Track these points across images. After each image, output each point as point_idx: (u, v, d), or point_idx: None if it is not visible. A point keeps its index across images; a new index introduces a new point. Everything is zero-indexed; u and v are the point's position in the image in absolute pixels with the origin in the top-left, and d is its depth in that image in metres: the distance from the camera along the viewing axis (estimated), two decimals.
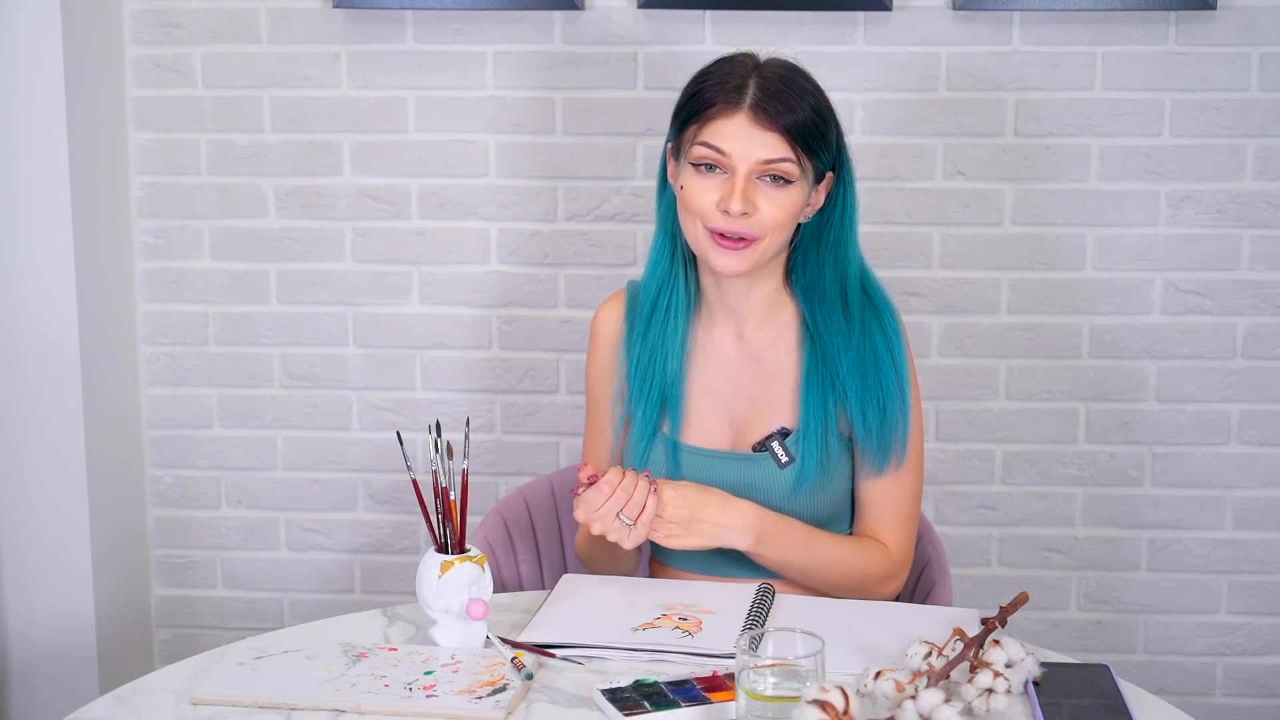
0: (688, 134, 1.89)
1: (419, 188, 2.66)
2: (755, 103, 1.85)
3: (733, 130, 1.85)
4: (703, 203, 1.87)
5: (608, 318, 2.06)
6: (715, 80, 1.88)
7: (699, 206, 1.87)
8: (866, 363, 1.93)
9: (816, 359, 1.96)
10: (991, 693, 1.56)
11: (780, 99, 1.86)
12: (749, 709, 1.48)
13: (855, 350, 1.93)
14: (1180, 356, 2.62)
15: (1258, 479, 2.65)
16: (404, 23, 2.61)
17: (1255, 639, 2.69)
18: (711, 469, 1.97)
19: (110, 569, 2.67)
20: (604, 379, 2.06)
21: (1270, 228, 2.58)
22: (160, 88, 2.67)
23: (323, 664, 1.68)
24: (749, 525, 1.88)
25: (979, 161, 2.58)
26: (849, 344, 1.94)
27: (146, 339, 2.75)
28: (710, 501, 1.87)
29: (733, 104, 1.85)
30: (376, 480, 2.75)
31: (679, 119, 1.92)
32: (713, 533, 1.86)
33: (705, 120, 1.86)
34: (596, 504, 1.81)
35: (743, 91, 1.86)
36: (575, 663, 1.69)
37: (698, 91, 1.89)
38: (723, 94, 1.86)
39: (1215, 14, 2.50)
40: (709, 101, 1.87)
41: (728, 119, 1.85)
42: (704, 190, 1.86)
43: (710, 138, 1.86)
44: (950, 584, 2.14)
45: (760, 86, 1.86)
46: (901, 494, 1.98)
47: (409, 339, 2.70)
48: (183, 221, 2.71)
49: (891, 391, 1.93)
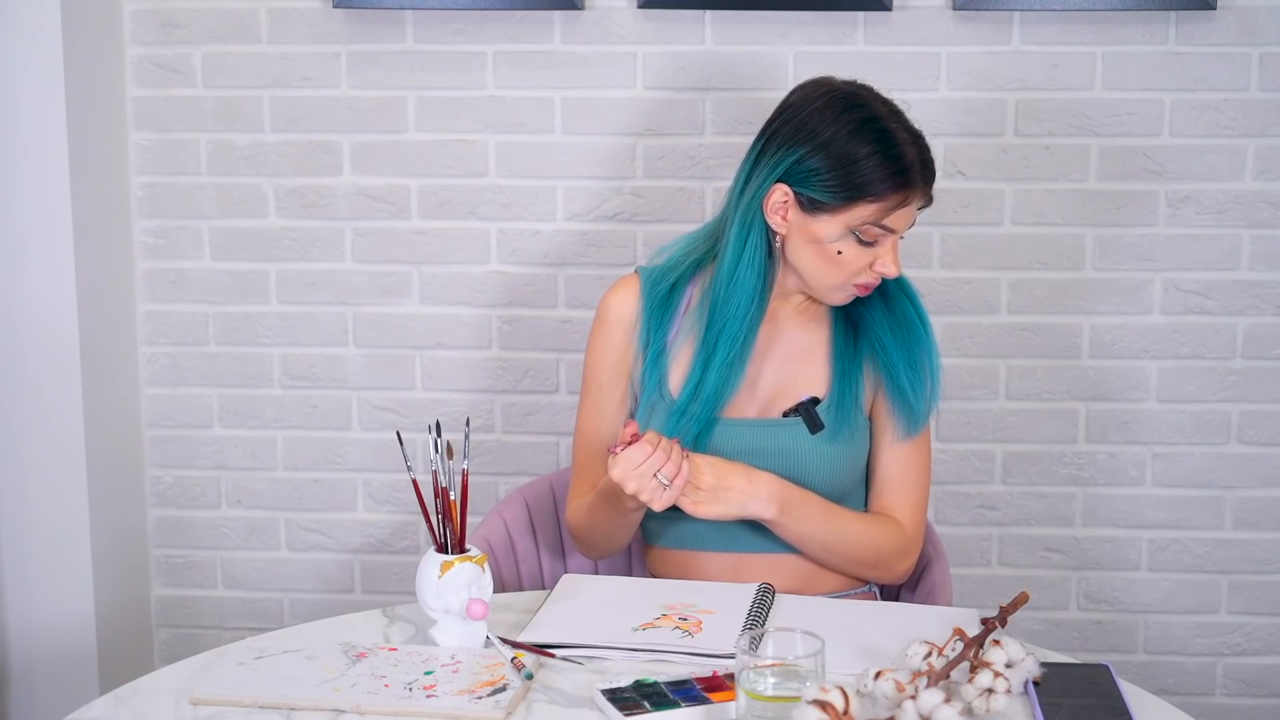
0: (858, 211, 1.90)
1: (419, 188, 2.66)
2: (922, 180, 1.92)
3: (906, 213, 1.92)
4: (859, 264, 1.94)
5: (622, 304, 2.07)
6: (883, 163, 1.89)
7: (854, 268, 1.94)
8: (904, 329, 2.03)
9: (847, 332, 2.04)
10: (991, 693, 1.57)
11: (931, 168, 1.94)
12: (749, 709, 1.48)
13: (895, 320, 2.03)
14: (1180, 356, 2.62)
15: (1258, 479, 2.65)
16: (404, 23, 2.61)
17: (1255, 639, 2.69)
18: (740, 436, 2.00)
19: (110, 569, 2.67)
20: (611, 363, 2.08)
21: (1270, 228, 2.58)
22: (160, 88, 2.67)
23: (323, 664, 1.68)
24: (772, 494, 1.93)
25: (979, 161, 2.58)
26: (890, 314, 2.03)
27: (146, 339, 2.75)
28: (736, 471, 1.92)
29: (910, 188, 1.90)
30: (376, 480, 2.75)
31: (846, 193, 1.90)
32: (739, 500, 1.91)
33: (886, 207, 1.90)
34: (636, 461, 1.83)
35: (911, 174, 1.90)
36: (575, 663, 1.69)
37: (870, 177, 1.89)
38: (903, 180, 1.90)
39: (1215, 14, 2.51)
40: (887, 190, 1.89)
41: (906, 206, 1.91)
42: (861, 254, 1.93)
43: (890, 222, 1.91)
44: (950, 584, 2.14)
45: (919, 159, 1.91)
46: (919, 466, 2.06)
47: (409, 339, 2.70)
48: (183, 221, 2.71)
49: (931, 353, 2.04)
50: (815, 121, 1.93)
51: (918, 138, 1.93)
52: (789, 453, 1.99)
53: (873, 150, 1.89)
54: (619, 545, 2.09)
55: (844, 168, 1.90)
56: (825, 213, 1.91)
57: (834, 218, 1.91)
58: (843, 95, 1.95)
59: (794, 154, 1.93)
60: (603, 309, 2.09)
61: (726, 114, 2.59)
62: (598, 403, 2.10)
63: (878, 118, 1.92)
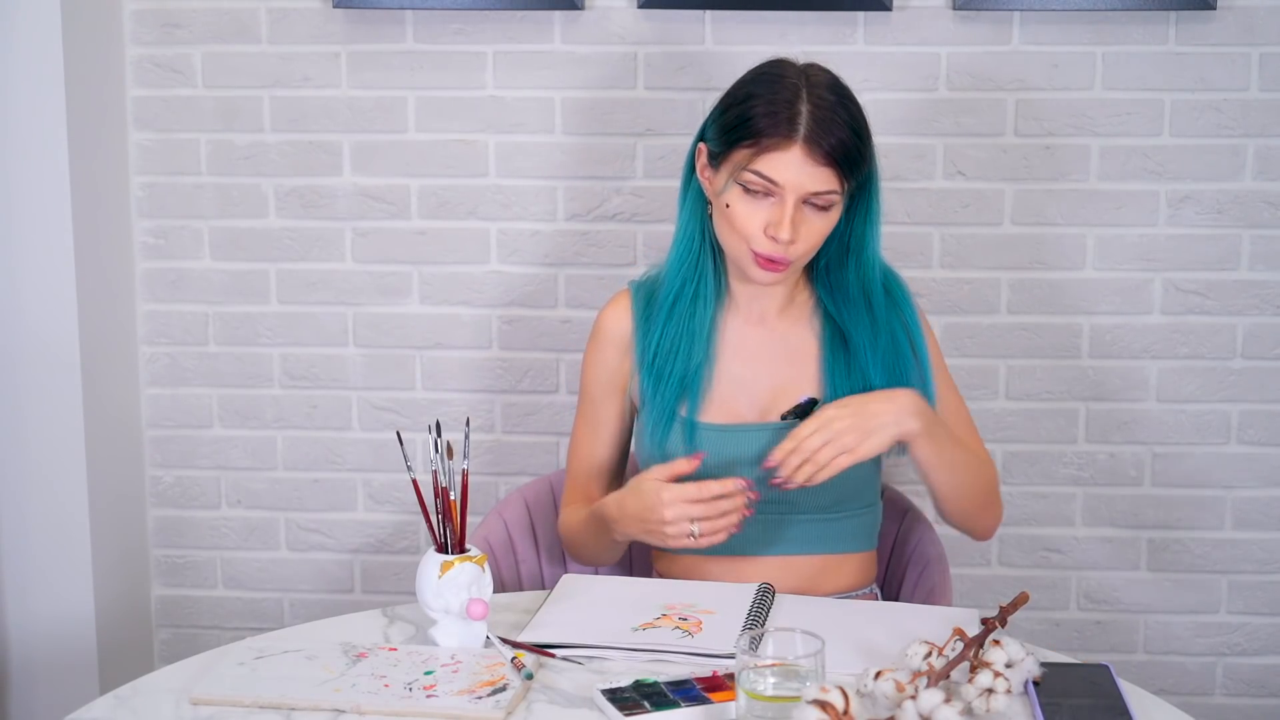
0: (737, 156, 1.91)
1: (419, 188, 2.66)
2: (809, 135, 1.87)
3: (786, 162, 1.87)
4: (750, 226, 1.91)
5: (615, 320, 2.09)
6: (766, 105, 1.89)
7: (746, 229, 1.92)
8: (889, 357, 2.00)
9: (838, 338, 2.03)
10: (991, 693, 1.57)
11: (831, 131, 1.88)
12: (749, 709, 1.48)
13: (882, 350, 2.00)
14: (1180, 356, 2.62)
15: (1258, 479, 2.65)
16: (404, 23, 2.61)
17: (1255, 639, 2.69)
18: (737, 442, 2.00)
19: (110, 569, 2.67)
20: (605, 378, 2.10)
21: (1270, 228, 2.58)
22: (160, 88, 2.67)
23: (323, 664, 1.68)
24: (916, 404, 1.91)
25: (979, 161, 2.58)
26: (875, 344, 2.01)
27: (146, 339, 2.75)
28: (871, 397, 1.91)
29: (787, 136, 1.87)
30: (376, 480, 2.75)
31: (728, 136, 1.92)
32: (891, 418, 1.88)
33: (759, 149, 1.88)
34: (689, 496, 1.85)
35: (795, 122, 1.87)
36: (575, 663, 1.69)
37: (750, 115, 1.89)
38: (776, 123, 1.87)
39: (1215, 14, 2.51)
40: (762, 130, 1.88)
41: (782, 151, 1.87)
42: (751, 213, 1.91)
43: (763, 168, 1.88)
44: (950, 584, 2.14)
45: (812, 116, 1.88)
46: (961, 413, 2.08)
47: (409, 339, 2.70)
48: (183, 221, 2.71)
49: (925, 386, 2.01)
50: (740, 81, 1.97)
51: (834, 106, 1.88)
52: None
53: (754, 94, 1.90)
54: (607, 561, 2.12)
55: (728, 110, 1.93)
56: (719, 164, 1.93)
57: (723, 168, 1.93)
58: (772, 61, 1.98)
59: (712, 112, 1.98)
60: (597, 325, 2.11)
61: None
62: (593, 417, 2.12)
63: (780, 74, 1.92)
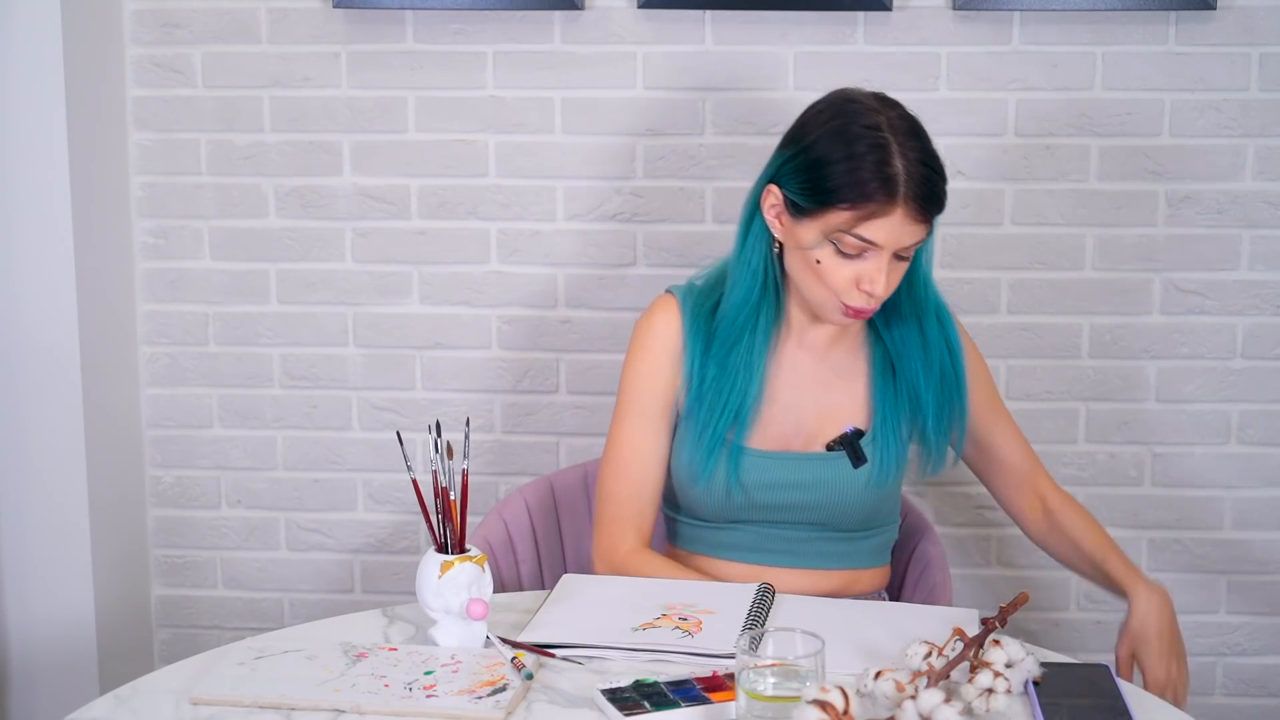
0: (833, 218, 1.86)
1: (419, 188, 2.66)
2: (908, 195, 1.84)
3: (888, 226, 1.85)
4: (841, 281, 1.89)
5: (666, 330, 2.04)
6: (866, 170, 1.84)
7: (837, 284, 1.89)
8: (940, 378, 2.02)
9: (886, 362, 2.03)
10: (991, 693, 1.57)
11: (929, 188, 1.86)
12: (749, 709, 1.48)
13: (935, 371, 2.01)
14: (1180, 356, 2.62)
15: (1258, 479, 2.65)
16: (404, 23, 2.61)
17: (1255, 639, 2.69)
18: (781, 469, 2.00)
19: (110, 569, 2.67)
20: (660, 391, 2.04)
21: (1270, 228, 2.58)
22: (160, 88, 2.67)
23: (323, 664, 1.68)
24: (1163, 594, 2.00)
25: (979, 161, 2.58)
26: (929, 365, 2.01)
27: (146, 339, 2.75)
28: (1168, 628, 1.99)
29: (888, 199, 1.84)
30: (376, 480, 2.75)
31: (820, 196, 1.87)
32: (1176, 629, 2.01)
33: (860, 216, 1.84)
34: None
35: (894, 184, 1.84)
36: (575, 663, 1.69)
37: (848, 181, 1.85)
38: (876, 188, 1.84)
39: (1215, 14, 2.50)
40: (863, 196, 1.84)
41: (884, 217, 1.84)
42: (843, 267, 1.88)
43: (864, 232, 1.85)
44: (950, 584, 2.14)
45: (909, 174, 1.85)
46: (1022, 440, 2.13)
47: (409, 339, 2.70)
48: (183, 221, 2.71)
49: (961, 400, 2.03)
50: (810, 123, 1.93)
51: (924, 158, 1.87)
52: (829, 485, 2.01)
53: (849, 154, 1.86)
54: None
55: (818, 169, 1.88)
56: (805, 217, 1.89)
57: (813, 223, 1.89)
58: (842, 99, 1.93)
59: (785, 154, 1.94)
60: (645, 335, 2.05)
61: (726, 114, 2.59)
62: (648, 433, 2.04)
63: (870, 126, 1.87)
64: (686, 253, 2.63)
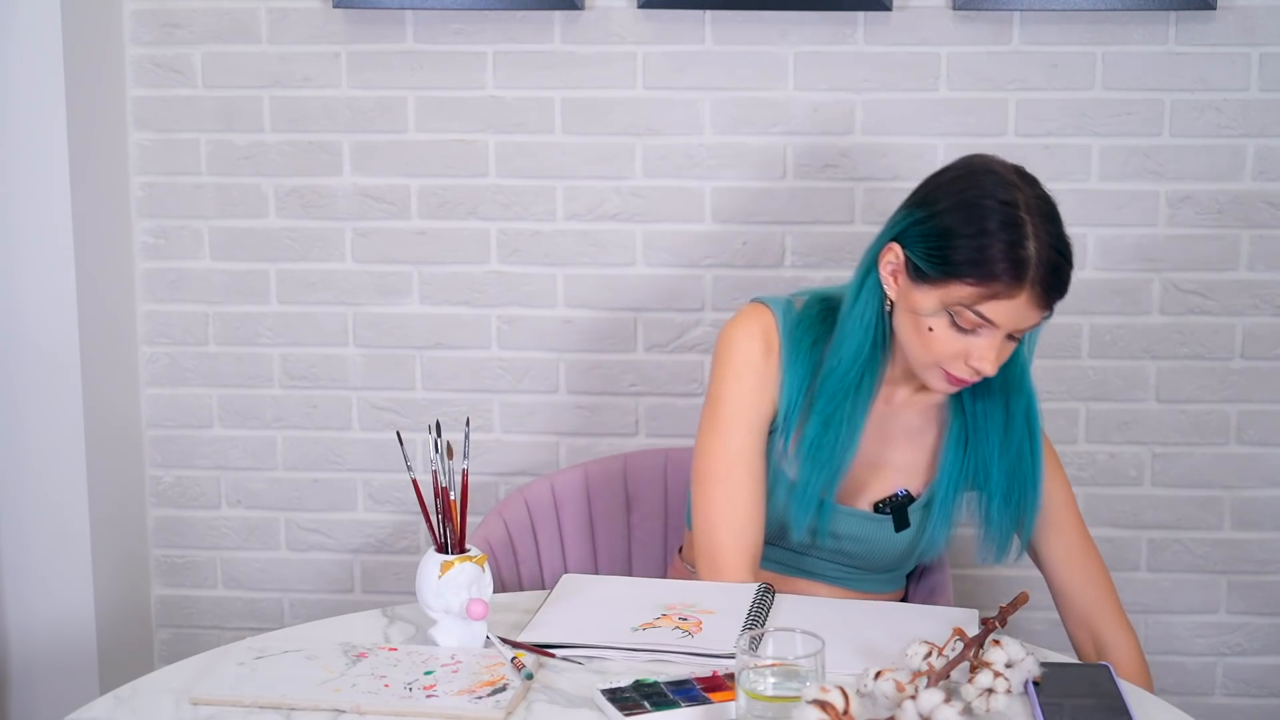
0: (955, 290, 1.79)
1: (419, 188, 2.66)
2: (1036, 279, 1.77)
3: (1010, 308, 1.79)
4: (950, 351, 1.83)
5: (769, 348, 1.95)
6: (996, 248, 1.77)
7: (944, 353, 1.83)
8: (1015, 462, 1.95)
9: (961, 438, 1.97)
10: (991, 693, 1.57)
11: (1058, 276, 1.80)
12: (749, 709, 1.48)
13: (1012, 453, 1.95)
14: (1180, 356, 2.62)
15: (1257, 479, 2.65)
16: (404, 23, 2.61)
17: (1255, 639, 2.69)
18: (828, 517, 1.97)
19: (110, 569, 2.67)
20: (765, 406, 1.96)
21: (1270, 228, 2.58)
22: (160, 88, 2.67)
23: (323, 664, 1.68)
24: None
25: None
26: (1007, 446, 1.95)
27: (146, 339, 2.75)
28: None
29: (1015, 282, 1.77)
30: (376, 480, 2.75)
31: (946, 266, 1.80)
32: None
33: (985, 294, 1.78)
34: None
35: (1024, 267, 1.77)
36: (575, 663, 1.69)
37: (977, 258, 1.78)
38: (1005, 269, 1.77)
39: (1215, 14, 2.51)
40: (991, 275, 1.77)
41: (1009, 299, 1.78)
42: (954, 339, 1.82)
43: (986, 311, 1.79)
44: (950, 584, 2.14)
45: (1040, 259, 1.77)
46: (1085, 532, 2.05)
47: (409, 339, 2.70)
48: (183, 221, 2.71)
49: (1034, 489, 1.96)
50: (943, 187, 1.86)
51: (1057, 243, 1.80)
52: (868, 541, 1.99)
53: (981, 229, 1.78)
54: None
55: (946, 238, 1.80)
56: (926, 283, 1.82)
57: (932, 291, 1.81)
58: (980, 167, 1.86)
59: (912, 215, 1.86)
60: (745, 347, 1.96)
61: (726, 114, 2.59)
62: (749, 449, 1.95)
63: (1006, 202, 1.80)
64: (687, 253, 2.63)
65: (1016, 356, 1.92)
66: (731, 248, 2.62)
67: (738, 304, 2.63)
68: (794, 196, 2.60)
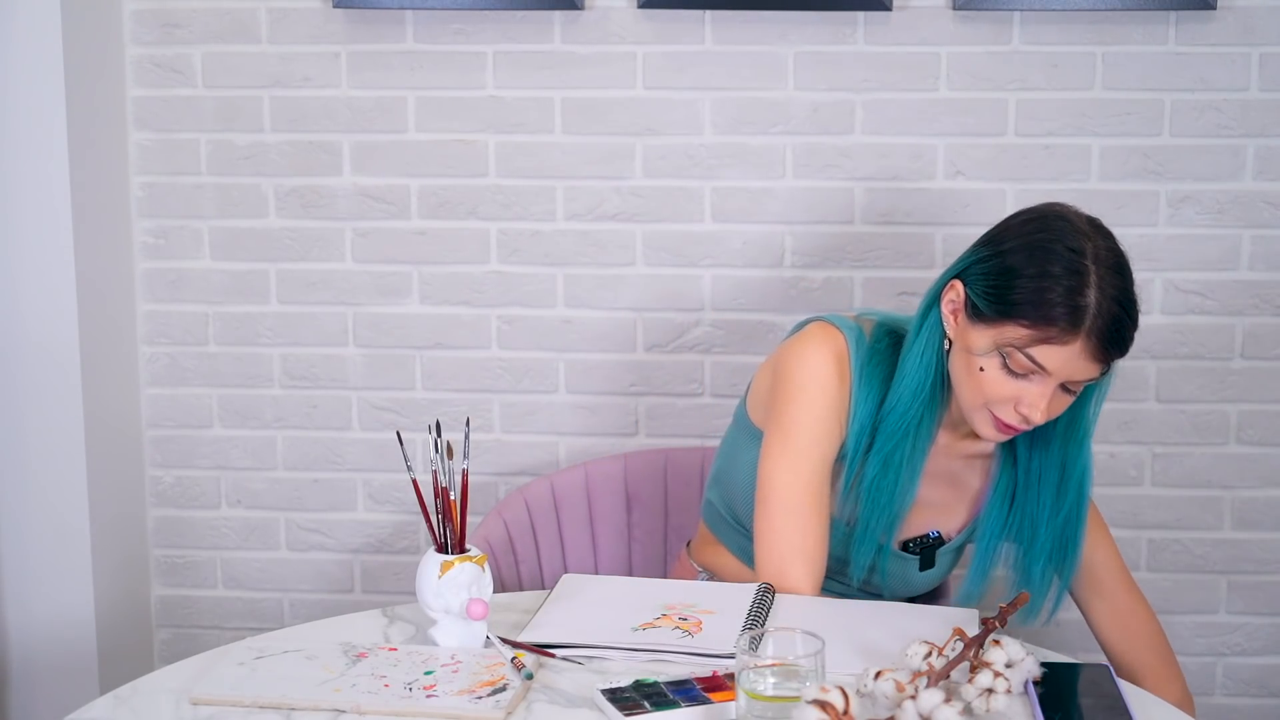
0: (1009, 331, 1.77)
1: (419, 188, 2.66)
2: (1093, 330, 1.74)
3: (1065, 355, 1.75)
4: (1000, 394, 1.79)
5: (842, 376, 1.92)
6: (1057, 292, 1.74)
7: (994, 396, 1.80)
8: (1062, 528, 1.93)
9: (1009, 491, 1.95)
10: (991, 693, 1.57)
11: (1118, 330, 1.76)
12: (749, 709, 1.48)
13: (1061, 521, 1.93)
14: (1180, 356, 2.62)
15: (1257, 479, 2.65)
16: (404, 23, 2.61)
17: (1255, 639, 2.69)
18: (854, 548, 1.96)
19: (110, 569, 2.67)
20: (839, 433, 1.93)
21: (1270, 228, 2.58)
22: (160, 88, 2.67)
23: (323, 664, 1.68)
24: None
25: (979, 161, 2.58)
26: (1057, 511, 1.93)
27: (146, 339, 2.75)
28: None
29: (1071, 329, 1.74)
30: (376, 480, 2.75)
31: (1003, 306, 1.78)
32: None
33: (1039, 338, 1.75)
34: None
35: (1082, 315, 1.74)
36: (575, 663, 1.69)
37: (1036, 299, 1.75)
38: (1063, 314, 1.74)
39: (1215, 14, 2.50)
40: (1047, 319, 1.74)
41: (1062, 346, 1.74)
42: (1005, 382, 1.79)
43: (1038, 355, 1.75)
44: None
45: (1100, 309, 1.74)
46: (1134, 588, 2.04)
47: (409, 339, 2.70)
48: (183, 221, 2.71)
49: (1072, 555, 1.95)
50: (1012, 229, 1.84)
51: (1121, 297, 1.76)
52: (887, 575, 1.98)
53: (1043, 271, 1.76)
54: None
55: (1007, 277, 1.78)
56: (982, 322, 1.80)
57: (987, 329, 1.79)
58: (1054, 214, 1.84)
59: (978, 254, 1.85)
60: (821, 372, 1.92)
61: (726, 114, 2.59)
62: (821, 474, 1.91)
63: (1073, 249, 1.77)
64: (686, 252, 2.63)
65: (1081, 417, 1.89)
66: (731, 248, 2.62)
67: (738, 303, 2.63)
68: (794, 197, 2.60)
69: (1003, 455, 1.96)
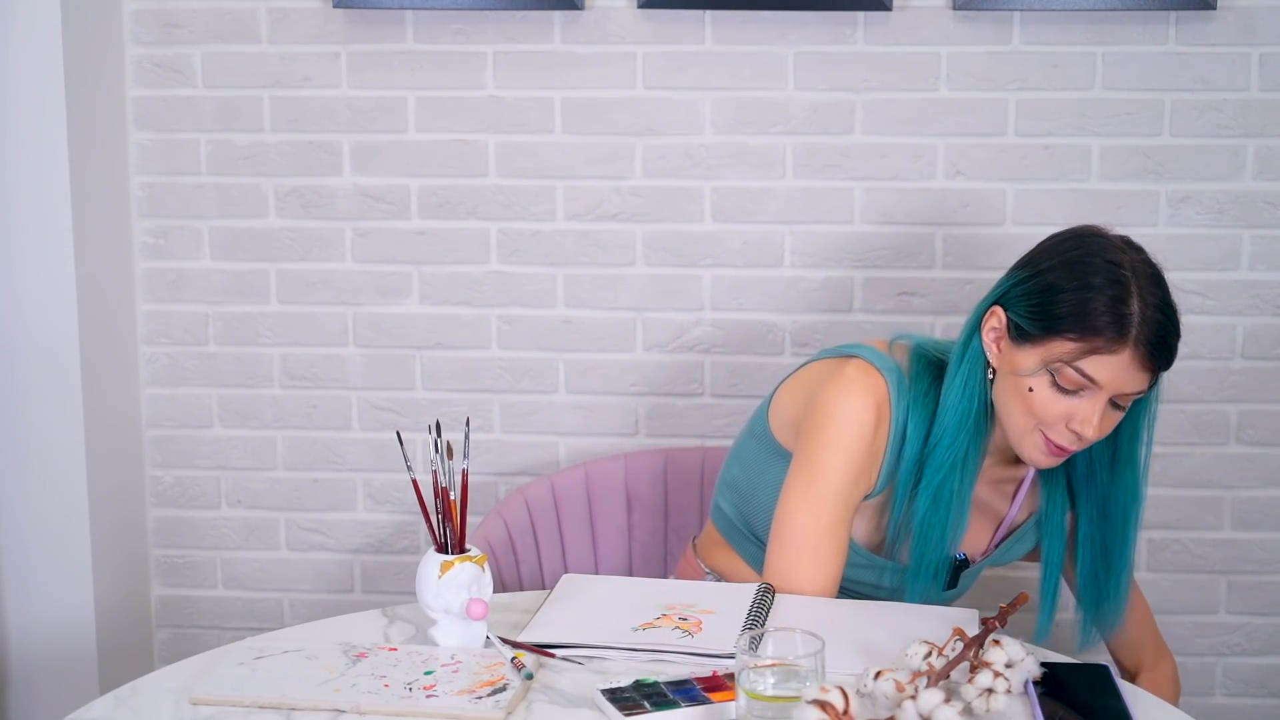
0: (1056, 347, 1.77)
1: (419, 188, 2.66)
2: (1140, 338, 1.76)
3: (1113, 366, 1.76)
4: (1051, 413, 1.80)
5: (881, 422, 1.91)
6: (1100, 302, 1.76)
7: (1045, 416, 1.80)
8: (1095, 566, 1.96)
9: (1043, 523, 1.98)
10: (991, 693, 1.57)
11: (1163, 336, 1.78)
12: (749, 709, 1.48)
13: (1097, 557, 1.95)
14: (1180, 356, 2.60)
15: (1257, 479, 2.65)
16: (404, 23, 2.61)
17: (1255, 639, 2.69)
18: (878, 571, 1.97)
19: (110, 569, 2.67)
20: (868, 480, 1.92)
21: (1270, 228, 2.58)
22: (160, 88, 2.67)
23: (323, 664, 1.68)
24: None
25: (979, 161, 2.58)
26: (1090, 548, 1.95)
27: (146, 339, 2.75)
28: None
29: (1119, 338, 1.75)
30: (376, 480, 2.75)
31: (1047, 322, 1.79)
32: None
33: (1087, 349, 1.76)
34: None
35: (1127, 324, 1.76)
36: (575, 663, 1.69)
37: (1081, 310, 1.77)
38: (1109, 323, 1.75)
39: (1215, 14, 2.50)
40: (1094, 329, 1.75)
41: (1111, 355, 1.76)
42: (1055, 401, 1.79)
43: (1087, 368, 1.76)
44: None
45: (1144, 317, 1.76)
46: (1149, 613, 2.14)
47: (409, 339, 2.70)
48: (183, 221, 2.71)
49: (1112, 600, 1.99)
50: (1049, 250, 1.85)
51: (1163, 305, 1.79)
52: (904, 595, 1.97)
53: (1085, 284, 1.77)
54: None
55: (1049, 294, 1.80)
56: (1027, 342, 1.80)
57: (1034, 349, 1.79)
58: (1088, 233, 1.85)
59: (1015, 277, 1.86)
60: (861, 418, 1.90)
61: (726, 114, 2.59)
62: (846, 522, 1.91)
63: (1112, 262, 1.79)
64: (686, 252, 2.63)
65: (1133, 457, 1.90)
66: (732, 248, 2.62)
67: (738, 303, 2.63)
68: (794, 196, 2.60)
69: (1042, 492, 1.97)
